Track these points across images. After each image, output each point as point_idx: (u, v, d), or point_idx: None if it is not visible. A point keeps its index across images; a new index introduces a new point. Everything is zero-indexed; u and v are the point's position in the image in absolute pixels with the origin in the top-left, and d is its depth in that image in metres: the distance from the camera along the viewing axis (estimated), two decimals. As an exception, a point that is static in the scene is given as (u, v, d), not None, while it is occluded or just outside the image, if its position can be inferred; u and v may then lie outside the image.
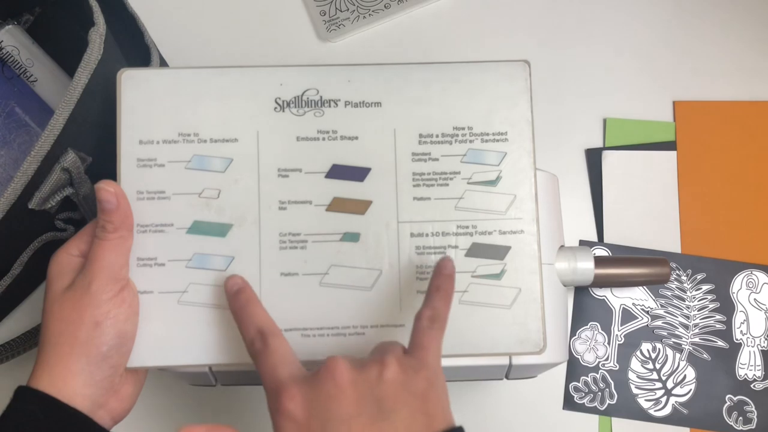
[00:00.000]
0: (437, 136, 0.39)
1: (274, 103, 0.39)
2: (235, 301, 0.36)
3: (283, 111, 0.39)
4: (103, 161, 0.40)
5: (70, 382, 0.35)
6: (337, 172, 0.39)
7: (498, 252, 0.39)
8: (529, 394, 0.52)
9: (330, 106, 0.39)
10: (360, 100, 0.39)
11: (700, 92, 0.59)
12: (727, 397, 0.52)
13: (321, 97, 0.39)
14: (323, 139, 0.39)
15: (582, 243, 0.55)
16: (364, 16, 0.60)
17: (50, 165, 0.39)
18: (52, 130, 0.38)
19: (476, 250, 0.39)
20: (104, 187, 0.36)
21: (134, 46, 0.50)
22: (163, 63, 0.52)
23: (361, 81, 0.40)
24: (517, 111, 0.40)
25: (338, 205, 0.39)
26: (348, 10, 0.61)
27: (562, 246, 0.44)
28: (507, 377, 0.43)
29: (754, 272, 0.55)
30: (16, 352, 0.47)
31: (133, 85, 0.39)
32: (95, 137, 0.41)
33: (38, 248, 0.44)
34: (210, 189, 0.38)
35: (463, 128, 0.39)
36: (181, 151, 0.39)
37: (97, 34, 0.40)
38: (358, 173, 0.39)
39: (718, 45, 0.60)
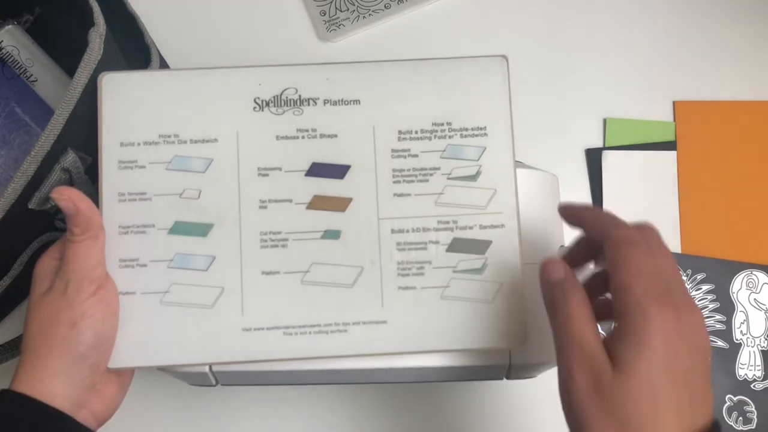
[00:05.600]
0: (416, 132, 0.39)
1: (253, 102, 0.39)
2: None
3: (262, 110, 0.39)
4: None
5: (49, 382, 0.34)
6: (317, 170, 0.38)
7: (479, 246, 0.38)
8: (529, 394, 0.52)
9: (309, 104, 0.39)
10: (339, 98, 0.39)
11: (700, 92, 0.59)
12: (727, 397, 0.52)
13: (300, 95, 0.39)
14: (303, 137, 0.38)
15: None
16: (364, 16, 0.60)
17: (50, 165, 0.39)
18: (52, 130, 0.38)
19: (457, 245, 0.38)
20: (58, 196, 0.35)
21: (134, 46, 0.50)
22: (163, 63, 0.52)
23: (340, 79, 0.39)
24: (496, 105, 0.39)
25: (318, 202, 0.38)
26: (348, 10, 0.61)
27: (562, 246, 0.44)
28: (507, 377, 0.43)
29: (754, 272, 0.55)
30: (17, 352, 0.47)
31: (114, 89, 0.38)
32: (95, 137, 0.41)
33: (38, 248, 0.44)
34: (191, 189, 0.38)
35: (442, 124, 0.39)
36: (162, 153, 0.38)
37: (97, 34, 0.40)
38: (337, 171, 0.38)
39: (718, 45, 0.60)
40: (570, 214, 0.36)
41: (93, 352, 0.35)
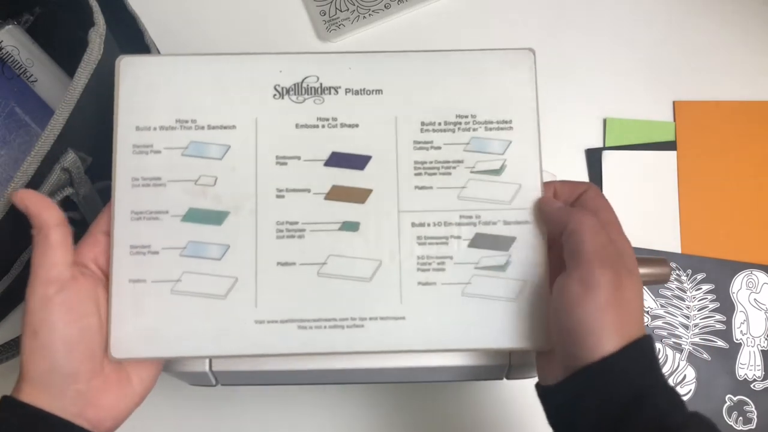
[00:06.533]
0: (440, 124, 0.38)
1: (274, 90, 0.38)
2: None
3: (282, 98, 0.38)
4: (103, 161, 0.40)
5: (35, 394, 0.32)
6: (337, 160, 0.37)
7: (502, 243, 0.37)
8: (529, 394, 0.52)
9: (330, 93, 0.38)
10: (361, 88, 0.38)
11: (700, 92, 0.59)
12: (727, 397, 0.52)
13: (321, 84, 0.38)
14: (323, 126, 0.37)
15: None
16: (364, 16, 0.60)
17: (50, 165, 0.39)
18: (52, 130, 0.38)
19: (480, 241, 0.37)
20: (13, 196, 0.34)
21: (134, 46, 0.50)
22: (163, 63, 0.52)
23: (362, 68, 0.38)
24: (522, 99, 0.38)
25: (337, 193, 0.37)
26: (348, 10, 0.61)
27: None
28: (507, 377, 0.43)
29: (754, 272, 0.55)
30: (17, 351, 0.47)
31: (132, 72, 0.37)
32: (95, 137, 0.41)
33: (38, 248, 0.44)
34: (206, 176, 0.37)
35: (467, 116, 0.38)
36: (178, 138, 0.37)
37: (97, 34, 0.39)
38: (358, 161, 0.37)
39: (718, 45, 0.60)
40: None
41: (64, 362, 0.33)
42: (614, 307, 0.32)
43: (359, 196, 0.37)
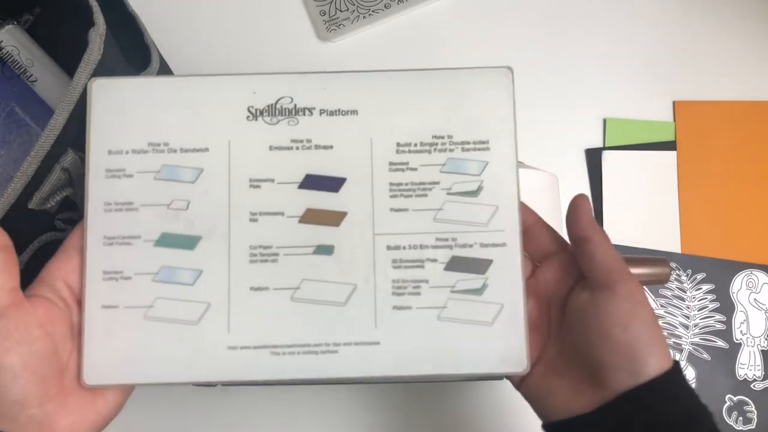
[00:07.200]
0: (416, 145, 0.37)
1: (247, 111, 0.37)
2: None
3: (256, 120, 0.37)
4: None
5: None
6: (311, 182, 0.37)
7: (479, 266, 0.36)
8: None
9: (304, 114, 0.37)
10: (336, 108, 0.37)
11: (700, 92, 0.59)
12: (727, 397, 0.52)
13: (295, 105, 0.37)
14: (297, 148, 0.37)
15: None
16: (364, 16, 0.60)
17: (50, 165, 0.38)
18: (52, 130, 0.37)
19: (456, 264, 0.37)
20: None
21: (134, 46, 0.50)
22: (163, 63, 0.52)
23: (337, 88, 0.37)
24: (500, 119, 0.37)
25: (311, 216, 0.37)
26: (348, 10, 0.60)
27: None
28: (507, 377, 0.43)
29: (754, 272, 0.55)
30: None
31: (104, 94, 0.37)
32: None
33: (38, 248, 0.44)
34: (179, 200, 0.37)
35: (443, 137, 0.37)
36: (151, 162, 0.37)
37: (97, 34, 0.39)
38: (332, 183, 0.37)
39: (718, 45, 0.60)
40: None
41: (9, 389, 0.32)
42: (658, 325, 0.32)
43: (334, 219, 0.37)
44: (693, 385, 0.51)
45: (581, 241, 0.34)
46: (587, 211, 0.35)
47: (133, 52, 0.49)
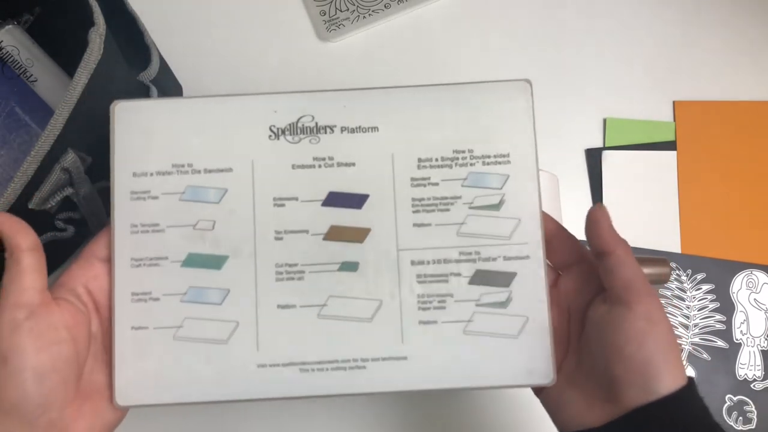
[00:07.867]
0: (437, 159, 0.37)
1: (269, 131, 0.38)
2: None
3: (278, 139, 0.38)
4: (103, 161, 0.40)
5: (8, 422, 0.32)
6: (334, 199, 0.37)
7: (503, 279, 0.37)
8: (530, 394, 0.52)
9: (326, 132, 0.38)
10: (356, 126, 0.38)
11: (700, 92, 0.59)
12: (727, 397, 0.52)
13: (316, 123, 0.38)
14: (319, 166, 0.37)
15: (582, 243, 0.55)
16: (364, 16, 0.60)
17: (50, 165, 0.38)
18: (52, 130, 0.37)
19: (480, 278, 0.37)
20: None
21: (134, 46, 0.50)
22: (163, 63, 0.52)
23: (358, 106, 0.38)
24: (519, 131, 0.38)
25: (336, 233, 0.37)
26: (348, 10, 0.60)
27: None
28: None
29: (754, 272, 0.55)
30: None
31: (126, 117, 0.37)
32: (95, 137, 0.41)
33: (38, 248, 0.44)
34: (204, 220, 0.37)
35: (464, 151, 0.38)
36: (175, 183, 0.37)
37: (97, 34, 0.39)
38: (355, 200, 0.37)
39: (718, 45, 0.60)
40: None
41: (36, 391, 0.32)
42: (675, 343, 0.32)
43: (358, 235, 0.37)
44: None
45: (603, 255, 0.34)
46: (607, 223, 0.35)
47: (133, 52, 0.49)
